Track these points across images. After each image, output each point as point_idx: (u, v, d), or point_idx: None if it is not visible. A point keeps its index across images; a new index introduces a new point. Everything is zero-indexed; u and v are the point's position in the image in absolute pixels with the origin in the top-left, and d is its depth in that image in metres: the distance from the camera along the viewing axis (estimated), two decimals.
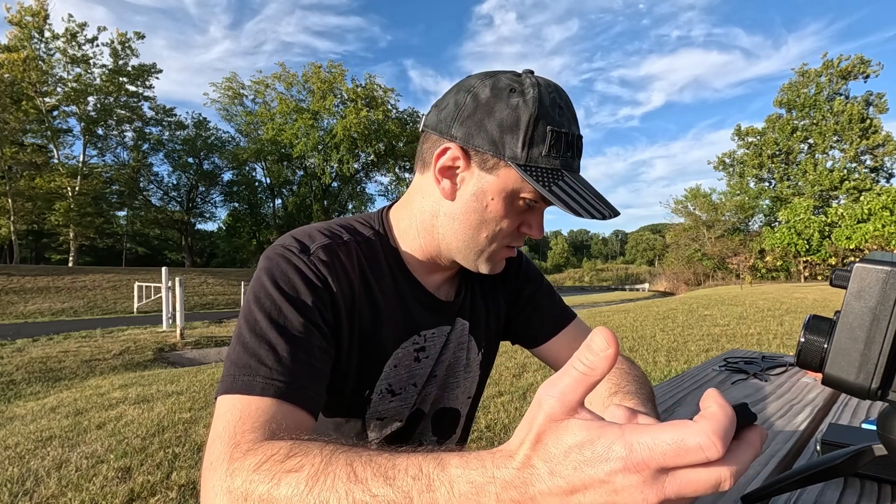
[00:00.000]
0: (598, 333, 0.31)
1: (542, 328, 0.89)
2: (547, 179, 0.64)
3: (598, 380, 0.31)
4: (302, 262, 0.66)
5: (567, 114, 0.67)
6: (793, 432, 0.94)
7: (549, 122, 0.64)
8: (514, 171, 0.65)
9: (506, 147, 0.64)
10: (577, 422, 0.31)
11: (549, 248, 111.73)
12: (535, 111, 0.64)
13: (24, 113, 25.14)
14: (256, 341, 0.59)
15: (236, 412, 0.54)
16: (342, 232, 0.73)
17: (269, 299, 0.62)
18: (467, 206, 0.69)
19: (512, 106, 0.65)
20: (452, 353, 0.84)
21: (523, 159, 0.64)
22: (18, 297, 15.37)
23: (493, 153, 0.65)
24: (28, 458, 3.10)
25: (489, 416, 3.68)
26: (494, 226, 0.69)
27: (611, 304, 18.19)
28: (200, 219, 38.33)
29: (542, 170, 0.64)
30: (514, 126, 0.64)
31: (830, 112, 36.24)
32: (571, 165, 0.67)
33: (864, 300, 0.40)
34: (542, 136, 0.64)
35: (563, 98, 0.68)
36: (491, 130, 0.65)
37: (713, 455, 0.28)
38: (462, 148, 0.67)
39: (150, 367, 6.88)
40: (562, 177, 0.65)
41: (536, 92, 0.65)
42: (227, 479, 0.46)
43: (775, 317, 9.87)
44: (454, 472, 0.35)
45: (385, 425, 0.78)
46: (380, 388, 0.75)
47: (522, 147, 0.64)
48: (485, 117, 0.66)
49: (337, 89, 31.92)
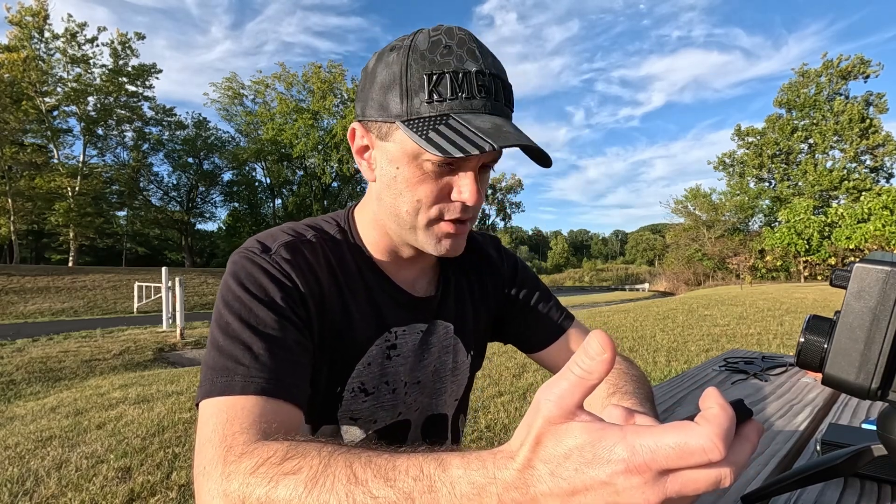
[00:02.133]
0: (595, 337, 0.31)
1: (539, 334, 0.87)
2: (425, 126, 0.58)
3: (595, 384, 0.31)
4: (265, 261, 0.65)
5: (458, 52, 0.59)
6: (793, 432, 0.94)
7: (426, 64, 0.58)
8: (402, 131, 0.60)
9: (390, 107, 0.60)
10: (578, 424, 0.31)
11: (549, 249, 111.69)
12: (405, 59, 0.59)
13: (24, 113, 25.16)
14: (230, 343, 0.58)
15: (223, 415, 0.53)
16: (306, 230, 0.72)
17: (237, 301, 0.61)
18: (382, 182, 0.66)
19: (388, 63, 0.61)
20: (437, 358, 0.81)
21: (405, 114, 0.59)
22: (18, 297, 15.37)
23: (383, 118, 0.61)
24: (28, 458, 3.10)
25: (489, 416, 3.67)
26: (411, 196, 0.64)
27: (611, 305, 18.19)
28: (200, 219, 38.41)
29: (423, 119, 0.58)
30: (392, 82, 0.60)
31: (830, 112, 36.23)
32: (469, 106, 0.59)
33: (864, 300, 0.41)
34: (420, 82, 0.58)
35: (454, 37, 0.60)
36: (376, 96, 0.62)
37: (716, 457, 0.28)
38: (361, 123, 0.66)
39: (150, 367, 6.87)
40: (446, 120, 0.58)
41: (411, 40, 0.61)
42: (223, 482, 0.45)
43: (775, 317, 9.87)
44: (456, 472, 0.35)
45: (359, 426, 0.75)
46: (351, 387, 0.73)
47: (402, 101, 0.59)
48: (370, 85, 0.63)
49: (337, 89, 31.97)
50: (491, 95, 0.60)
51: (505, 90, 0.62)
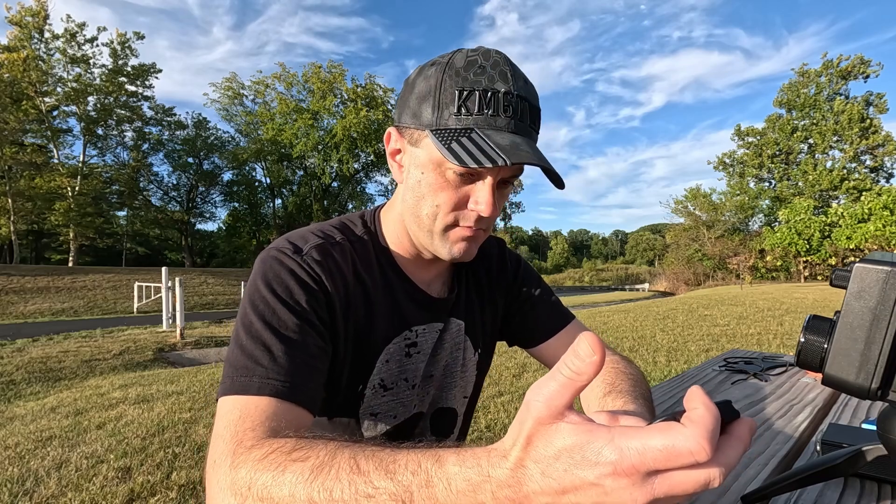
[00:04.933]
0: (584, 339, 0.31)
1: (539, 328, 0.90)
2: (450, 137, 0.61)
3: (583, 385, 0.31)
4: (295, 263, 0.67)
5: (490, 72, 0.63)
6: (793, 432, 0.94)
7: (460, 81, 0.62)
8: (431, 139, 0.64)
9: (422, 116, 0.64)
10: (566, 425, 0.31)
11: (549, 249, 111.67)
12: (441, 74, 0.63)
13: (24, 113, 25.15)
14: (252, 343, 0.61)
15: (237, 412, 0.55)
16: (335, 232, 0.74)
17: (263, 302, 0.63)
18: (409, 184, 0.70)
19: (426, 76, 0.65)
20: (449, 353, 0.84)
21: (434, 124, 0.63)
22: (18, 297, 15.37)
23: (415, 125, 0.66)
24: (28, 458, 3.10)
25: (489, 416, 3.68)
26: (432, 201, 0.67)
27: (611, 304, 18.19)
28: (200, 219, 38.36)
29: (450, 130, 0.62)
30: (427, 93, 0.64)
31: (830, 112, 36.21)
32: (493, 123, 0.62)
33: (864, 300, 0.41)
34: (451, 97, 0.62)
35: (490, 58, 0.64)
36: (412, 104, 0.66)
37: (702, 458, 0.29)
38: (397, 128, 0.70)
39: (150, 367, 6.87)
40: (469, 133, 0.61)
41: (450, 57, 0.65)
42: (231, 472, 0.47)
43: (775, 317, 9.87)
44: (451, 469, 0.36)
45: (379, 422, 0.78)
46: (373, 384, 0.76)
47: (433, 112, 0.63)
48: (409, 94, 0.67)
49: (337, 89, 31.96)
50: (516, 115, 0.63)
51: (531, 112, 0.65)
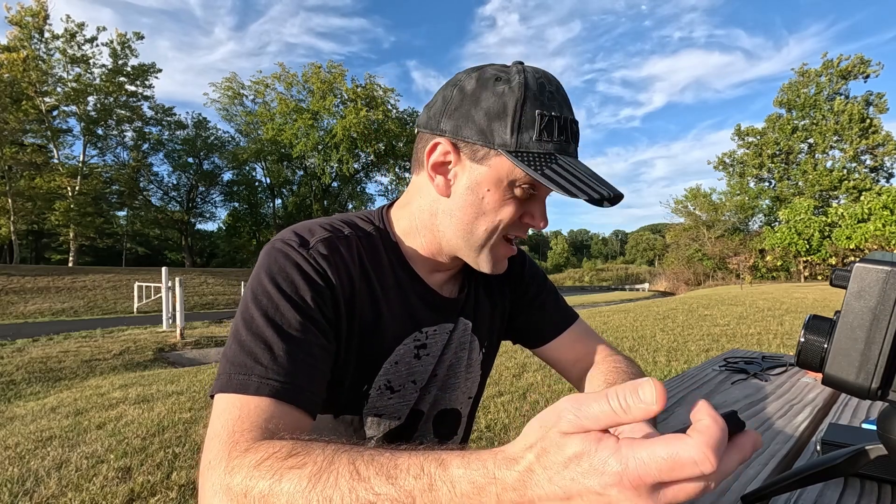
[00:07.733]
0: (651, 385, 0.30)
1: (545, 328, 0.89)
2: (539, 163, 0.62)
3: (625, 423, 0.31)
4: (301, 257, 0.64)
5: (557, 97, 0.65)
6: (793, 432, 0.94)
7: (538, 105, 0.63)
8: (505, 159, 0.63)
9: (495, 135, 0.63)
10: (577, 434, 0.32)
11: (549, 248, 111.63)
12: (521, 96, 0.62)
13: (24, 113, 25.12)
14: (253, 339, 0.58)
15: (234, 411, 0.53)
16: (343, 226, 0.72)
17: (266, 297, 0.61)
18: (464, 200, 0.68)
19: (498, 93, 0.63)
20: (454, 353, 0.82)
21: (513, 145, 0.62)
22: (18, 297, 15.36)
23: (482, 143, 0.64)
24: (28, 458, 3.10)
25: (489, 416, 3.67)
26: (493, 217, 0.67)
27: (611, 304, 18.17)
28: (200, 219, 38.33)
29: (533, 154, 0.62)
30: (502, 113, 0.63)
31: (830, 112, 36.19)
32: (566, 149, 0.65)
33: (864, 300, 0.40)
34: (531, 120, 0.62)
35: (552, 83, 0.66)
36: (479, 120, 0.64)
37: (707, 469, 0.29)
38: (451, 142, 0.66)
39: (150, 367, 6.87)
40: (555, 160, 0.63)
41: (522, 78, 0.64)
42: (226, 476, 0.46)
43: (775, 317, 9.87)
44: (456, 472, 0.35)
45: (383, 422, 0.77)
46: (378, 385, 0.74)
47: (511, 133, 0.62)
48: (472, 108, 0.65)
49: (337, 89, 31.92)
50: (576, 142, 0.67)
51: None
